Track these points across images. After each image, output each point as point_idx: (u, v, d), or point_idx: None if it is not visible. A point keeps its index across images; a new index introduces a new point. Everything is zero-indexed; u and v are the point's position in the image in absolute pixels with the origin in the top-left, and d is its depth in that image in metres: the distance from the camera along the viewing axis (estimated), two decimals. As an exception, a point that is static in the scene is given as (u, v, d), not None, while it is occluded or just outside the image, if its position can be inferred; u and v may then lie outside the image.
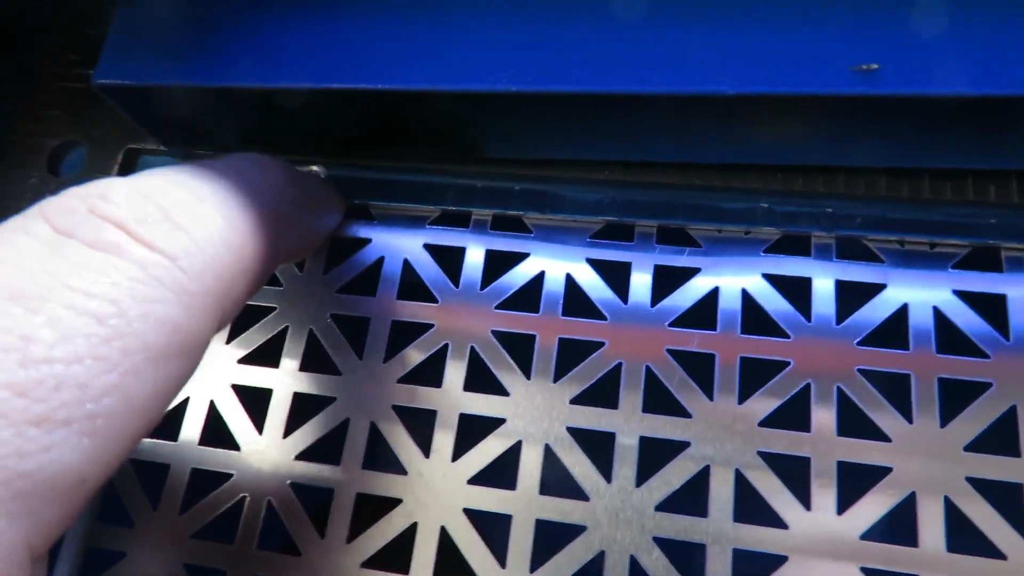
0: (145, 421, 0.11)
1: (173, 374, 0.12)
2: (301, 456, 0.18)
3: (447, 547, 0.16)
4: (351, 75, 0.16)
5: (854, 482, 0.16)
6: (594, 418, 0.17)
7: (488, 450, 0.17)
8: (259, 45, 0.16)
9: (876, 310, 0.17)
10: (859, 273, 0.17)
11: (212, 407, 0.18)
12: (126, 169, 0.20)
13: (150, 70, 0.17)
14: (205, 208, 0.13)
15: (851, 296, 0.17)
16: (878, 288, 0.17)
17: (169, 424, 0.18)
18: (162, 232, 0.12)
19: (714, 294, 0.18)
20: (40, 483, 0.10)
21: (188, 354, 0.12)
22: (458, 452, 0.17)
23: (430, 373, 0.18)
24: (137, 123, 0.18)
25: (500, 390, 0.17)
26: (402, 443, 0.17)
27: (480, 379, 0.18)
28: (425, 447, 0.17)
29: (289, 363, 0.18)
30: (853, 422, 0.16)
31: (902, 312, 0.17)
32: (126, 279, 0.11)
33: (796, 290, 0.18)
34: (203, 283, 0.12)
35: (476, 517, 0.17)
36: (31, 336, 0.10)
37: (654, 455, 0.17)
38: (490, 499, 0.17)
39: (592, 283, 0.18)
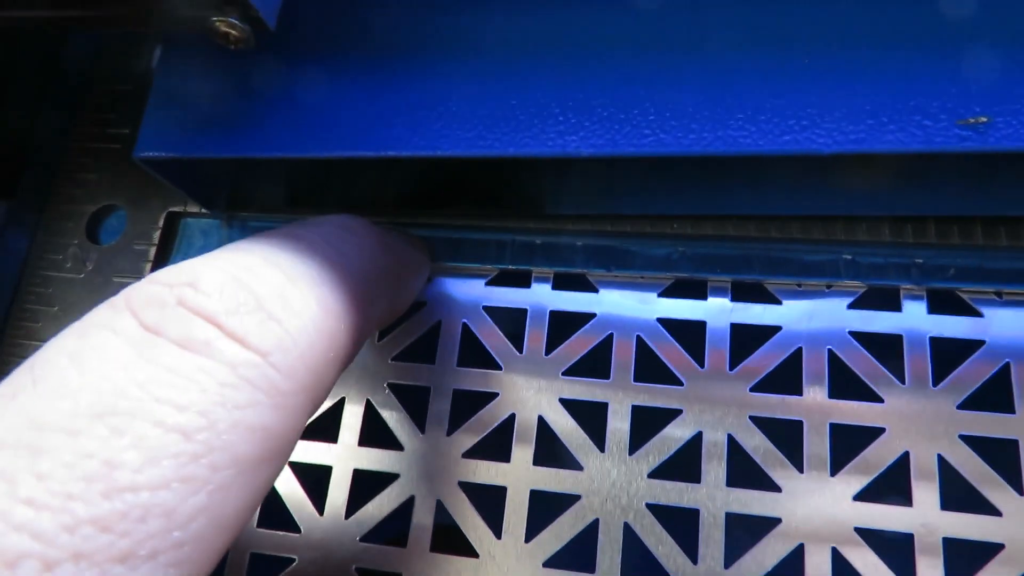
0: (232, 535, 0.11)
1: (262, 481, 0.11)
2: (365, 538, 0.17)
3: (525, 637, 0.15)
4: (409, 143, 0.15)
5: (961, 557, 0.15)
6: (675, 494, 0.16)
7: (563, 530, 0.16)
8: (306, 113, 0.15)
9: (976, 369, 0.16)
10: (955, 328, 0.16)
11: (269, 486, 0.17)
12: (168, 234, 0.19)
13: (192, 141, 0.16)
14: (298, 292, 0.12)
15: (947, 354, 0.16)
16: (977, 345, 0.16)
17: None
18: (254, 324, 0.11)
19: (797, 355, 0.17)
20: None
21: (278, 458, 0.11)
22: (531, 532, 0.16)
23: (497, 446, 0.17)
24: (179, 190, 0.18)
25: (573, 464, 0.16)
26: (471, 523, 0.16)
27: (551, 452, 0.17)
28: (496, 527, 0.16)
29: (348, 437, 0.18)
30: (957, 494, 0.15)
31: (1004, 370, 0.16)
32: (216, 384, 0.10)
33: (886, 349, 0.16)
34: (296, 380, 0.11)
35: (554, 603, 0.16)
36: (116, 461, 0.09)
37: (743, 532, 0.16)
38: (568, 583, 0.16)
39: (665, 345, 0.17)
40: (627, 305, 0.18)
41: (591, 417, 0.17)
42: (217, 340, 0.11)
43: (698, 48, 0.15)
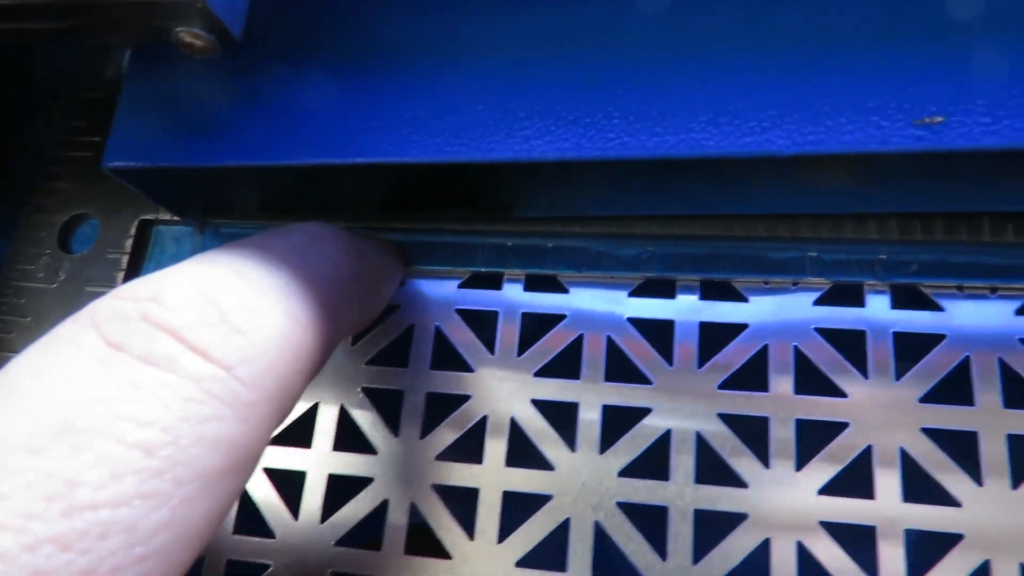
0: (198, 547, 0.11)
1: (228, 492, 0.11)
2: (341, 542, 0.17)
3: (499, 635, 0.16)
4: (377, 150, 0.15)
5: (925, 552, 0.15)
6: (644, 492, 0.16)
7: (535, 530, 0.16)
8: (275, 121, 0.15)
9: (937, 362, 0.16)
10: (917, 323, 0.17)
11: (244, 492, 0.18)
12: (140, 242, 0.19)
13: (161, 150, 0.16)
14: (265, 302, 0.12)
15: (909, 348, 0.16)
16: (938, 339, 0.16)
17: (201, 511, 0.17)
18: (218, 337, 0.11)
19: (763, 352, 0.17)
20: None
21: (244, 469, 0.11)
22: (504, 532, 0.16)
23: (470, 448, 0.17)
24: (150, 199, 0.18)
25: (544, 464, 0.17)
26: (445, 525, 0.17)
27: (523, 453, 0.17)
28: (469, 528, 0.16)
29: (322, 442, 0.18)
30: (919, 485, 0.16)
31: (965, 364, 0.16)
32: (179, 399, 0.10)
33: (851, 344, 0.17)
34: (262, 391, 0.11)
35: (527, 602, 0.16)
36: (76, 480, 0.09)
37: (711, 528, 0.16)
38: (541, 582, 0.16)
39: (635, 345, 0.17)
40: (597, 305, 0.18)
41: (562, 417, 0.17)
42: (180, 355, 0.11)
43: (660, 52, 0.15)
